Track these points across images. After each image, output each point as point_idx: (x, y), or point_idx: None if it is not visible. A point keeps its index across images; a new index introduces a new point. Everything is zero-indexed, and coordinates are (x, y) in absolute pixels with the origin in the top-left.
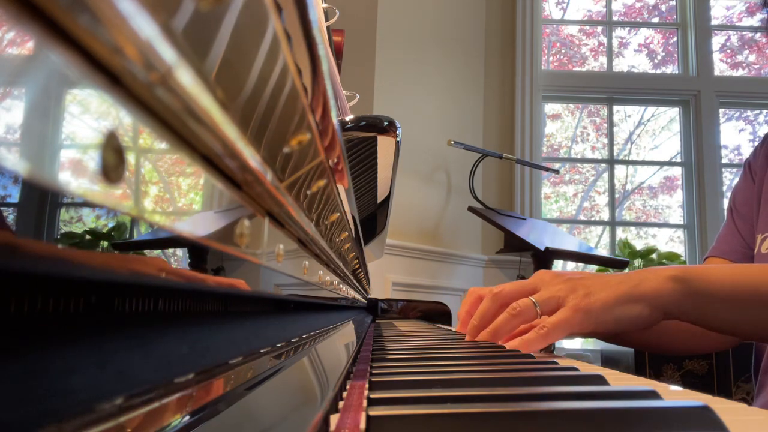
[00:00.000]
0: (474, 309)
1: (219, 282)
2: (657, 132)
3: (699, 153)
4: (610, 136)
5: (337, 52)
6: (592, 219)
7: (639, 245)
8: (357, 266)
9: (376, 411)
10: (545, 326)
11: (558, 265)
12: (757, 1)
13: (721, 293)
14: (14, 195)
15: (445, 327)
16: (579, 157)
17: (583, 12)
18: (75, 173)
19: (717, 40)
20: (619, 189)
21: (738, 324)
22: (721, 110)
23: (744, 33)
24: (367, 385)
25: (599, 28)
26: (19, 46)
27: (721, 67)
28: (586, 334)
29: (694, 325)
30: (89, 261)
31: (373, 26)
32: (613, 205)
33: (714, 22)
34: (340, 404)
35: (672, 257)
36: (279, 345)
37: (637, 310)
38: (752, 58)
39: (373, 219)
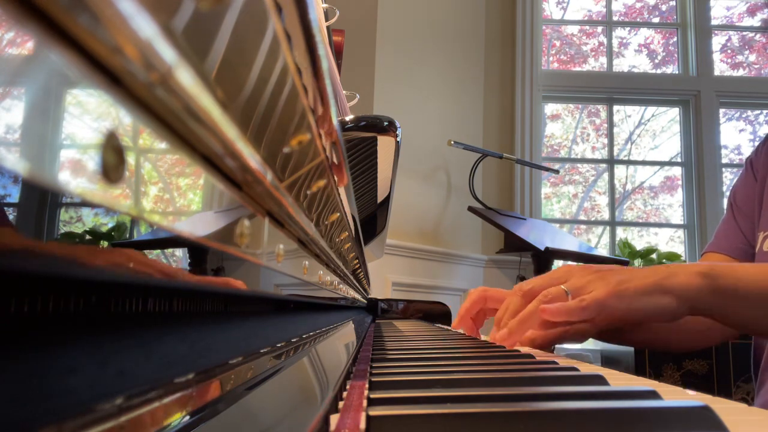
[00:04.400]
0: (475, 308)
1: (219, 282)
2: (657, 132)
3: (699, 153)
4: (610, 136)
5: (337, 52)
6: (593, 219)
7: (640, 245)
8: (357, 266)
9: (376, 411)
10: (585, 299)
11: (558, 265)
12: (758, 1)
13: (748, 291)
14: (14, 195)
15: (445, 327)
16: (579, 157)
17: (583, 12)
18: (75, 173)
19: (717, 40)
20: (619, 189)
21: (762, 322)
22: (721, 110)
23: (744, 33)
24: (367, 385)
25: (599, 28)
26: (19, 46)
27: (721, 67)
28: (607, 333)
29: (716, 322)
30: (89, 261)
31: (373, 26)
32: (613, 205)
33: (714, 22)
34: (340, 404)
35: (672, 257)
36: (279, 345)
37: (666, 301)
38: (752, 58)
39: (373, 219)
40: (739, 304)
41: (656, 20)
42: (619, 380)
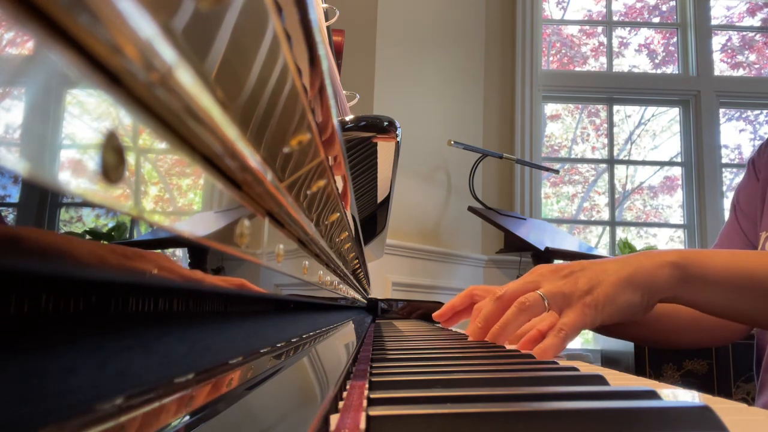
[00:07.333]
0: (461, 303)
1: (219, 282)
2: (657, 132)
3: (699, 153)
4: (610, 136)
5: (337, 52)
6: (592, 219)
7: (639, 245)
8: (357, 266)
9: (376, 411)
10: (563, 329)
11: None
12: (758, 1)
13: (716, 279)
14: (14, 195)
15: (445, 327)
16: (579, 157)
17: (583, 12)
18: (75, 173)
19: (717, 40)
20: (619, 189)
21: (732, 309)
22: (721, 110)
23: (744, 33)
24: (367, 385)
25: (599, 28)
26: (19, 46)
27: (721, 67)
28: (593, 329)
29: (688, 307)
30: (89, 261)
31: (373, 26)
32: (613, 205)
33: (714, 22)
34: (340, 404)
35: None
36: (279, 345)
37: (637, 298)
38: (752, 58)
39: (373, 219)
40: (708, 292)
41: (656, 20)
42: (619, 380)
